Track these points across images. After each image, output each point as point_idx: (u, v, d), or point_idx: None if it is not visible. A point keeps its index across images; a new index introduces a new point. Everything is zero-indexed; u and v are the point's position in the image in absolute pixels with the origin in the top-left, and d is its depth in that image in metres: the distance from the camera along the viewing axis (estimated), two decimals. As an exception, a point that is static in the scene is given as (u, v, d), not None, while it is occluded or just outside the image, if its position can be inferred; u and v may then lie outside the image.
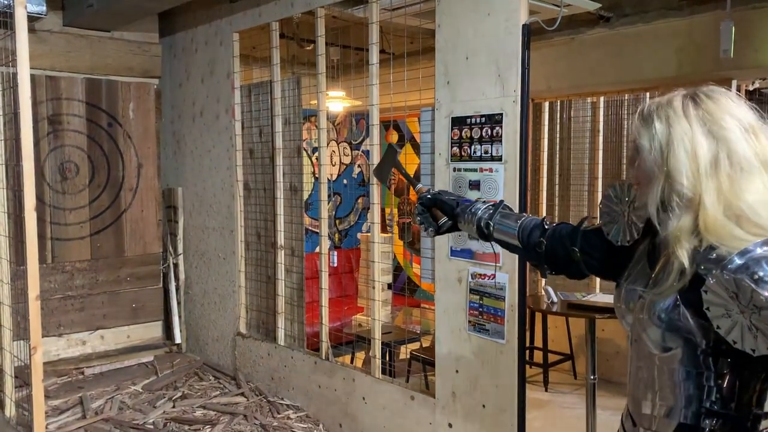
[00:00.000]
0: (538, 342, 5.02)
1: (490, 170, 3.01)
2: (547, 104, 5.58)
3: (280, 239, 4.29)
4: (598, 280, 5.37)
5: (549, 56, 4.74)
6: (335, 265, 5.16)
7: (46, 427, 3.86)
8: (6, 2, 2.93)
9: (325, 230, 4.01)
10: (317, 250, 4.06)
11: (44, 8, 3.89)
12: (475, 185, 3.08)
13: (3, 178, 3.13)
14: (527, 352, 4.74)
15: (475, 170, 3.07)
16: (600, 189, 5.46)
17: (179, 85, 5.26)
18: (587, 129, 5.58)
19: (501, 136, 2.95)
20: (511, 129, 2.92)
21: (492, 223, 1.74)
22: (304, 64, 5.34)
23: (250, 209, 4.58)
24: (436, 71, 3.21)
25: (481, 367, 3.10)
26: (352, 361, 4.55)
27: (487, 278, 3.05)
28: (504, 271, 2.98)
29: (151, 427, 3.96)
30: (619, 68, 4.46)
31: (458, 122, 3.12)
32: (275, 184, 4.29)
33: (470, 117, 3.07)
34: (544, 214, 5.63)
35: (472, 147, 3.07)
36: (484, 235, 1.76)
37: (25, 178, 2.75)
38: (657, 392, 1.32)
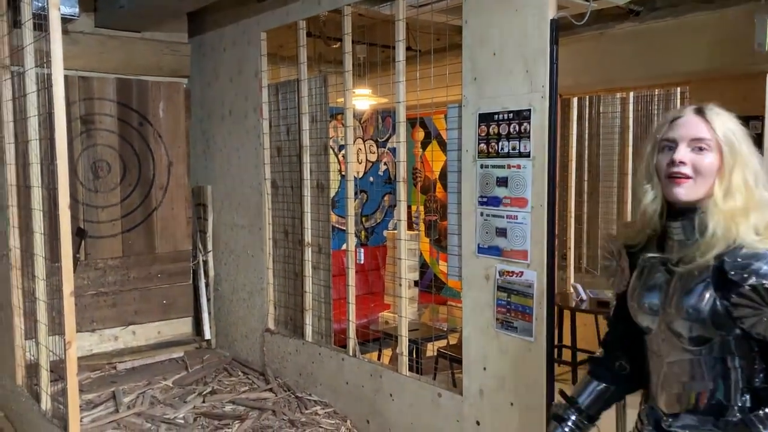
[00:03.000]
0: (567, 340, 4.98)
1: (518, 167, 2.99)
2: (575, 100, 5.52)
3: (308, 236, 4.32)
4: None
5: (577, 51, 4.68)
6: (362, 262, 5.17)
7: (81, 421, 3.95)
8: (40, 4, 3.00)
9: (352, 227, 4.02)
10: (344, 247, 4.07)
11: (77, 10, 3.97)
12: (502, 182, 3.06)
13: (38, 176, 3.20)
14: (555, 350, 4.70)
15: (502, 167, 3.05)
16: (630, 185, 5.39)
17: (208, 85, 5.32)
18: (616, 125, 5.52)
19: (529, 132, 2.93)
20: (539, 125, 2.89)
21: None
22: (331, 62, 5.36)
23: (278, 207, 4.62)
24: (463, 67, 3.19)
25: (509, 364, 3.08)
26: (379, 358, 4.56)
27: (515, 275, 3.03)
28: (532, 268, 2.96)
29: (182, 421, 4.02)
30: (649, 63, 4.39)
31: (485, 118, 3.11)
32: (302, 181, 4.32)
33: (497, 113, 3.05)
34: (572, 212, 5.57)
35: (500, 143, 3.06)
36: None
37: (59, 176, 2.81)
38: (689, 381, 1.42)
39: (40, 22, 2.95)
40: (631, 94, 5.28)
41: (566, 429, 1.75)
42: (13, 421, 3.74)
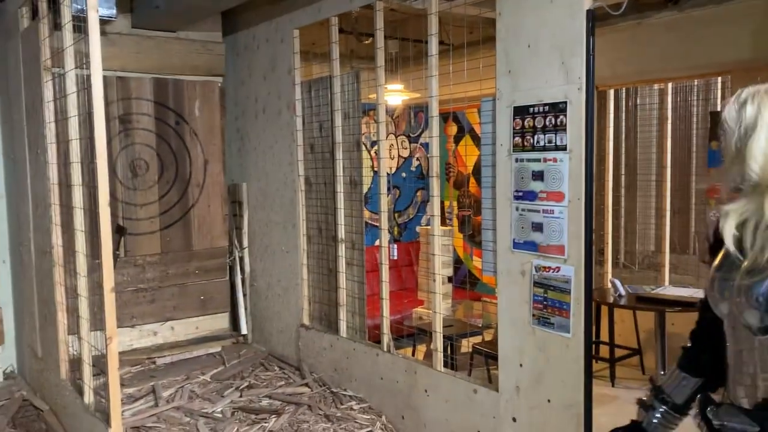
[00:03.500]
0: (604, 336, 4.90)
1: (554, 160, 2.94)
2: (612, 92, 5.42)
3: (341, 232, 4.33)
4: (667, 271, 5.20)
5: (614, 42, 4.59)
6: (395, 257, 5.17)
7: (122, 414, 4.03)
8: (79, 7, 3.05)
9: (385, 223, 4.02)
10: (377, 243, 4.07)
11: (114, 11, 4.04)
12: (538, 176, 3.02)
13: (79, 175, 3.27)
14: (593, 346, 4.63)
15: (538, 160, 3.01)
16: (669, 179, 5.28)
17: (242, 83, 5.37)
18: (654, 117, 5.39)
19: (565, 125, 2.88)
20: (575, 117, 2.84)
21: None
22: (363, 58, 5.36)
23: (312, 203, 4.64)
24: (497, 60, 3.16)
25: (546, 361, 3.04)
26: (413, 354, 4.55)
27: (551, 271, 2.99)
28: (570, 263, 2.91)
29: (220, 415, 4.07)
30: (688, 53, 4.29)
31: (520, 111, 3.07)
32: (335, 178, 4.33)
33: (533, 106, 3.01)
34: (610, 206, 5.48)
35: (535, 137, 3.01)
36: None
37: (98, 175, 2.86)
38: (759, 372, 1.37)
39: (79, 24, 3.01)
40: (670, 84, 5.15)
41: (655, 418, 1.71)
42: (58, 414, 3.84)
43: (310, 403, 4.19)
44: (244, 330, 5.50)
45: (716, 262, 1.46)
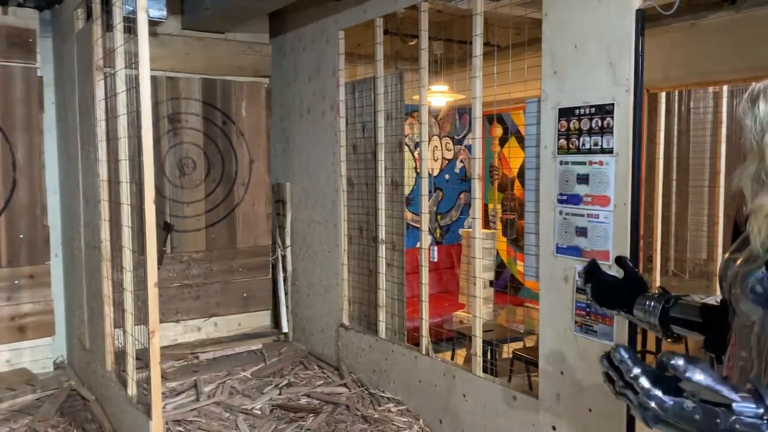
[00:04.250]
0: (651, 345, 4.76)
1: (600, 163, 2.87)
2: (663, 94, 5.27)
3: (382, 233, 4.32)
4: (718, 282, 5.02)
5: (666, 43, 4.46)
6: (435, 260, 5.13)
7: (164, 407, 4.12)
8: (130, 8, 3.13)
9: (426, 225, 3.99)
10: (418, 245, 4.05)
11: (164, 12, 4.13)
12: (583, 179, 2.95)
13: (126, 172, 3.36)
14: (639, 356, 4.50)
15: (583, 163, 2.94)
16: (723, 185, 5.10)
17: (288, 84, 5.43)
18: (708, 120, 5.22)
19: (612, 127, 2.81)
20: (623, 119, 2.77)
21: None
22: (408, 59, 5.35)
23: (353, 204, 4.65)
24: (543, 61, 3.10)
25: (588, 369, 2.97)
26: (452, 358, 4.51)
27: (594, 277, 2.91)
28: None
29: (259, 412, 4.11)
30: (745, 54, 4.12)
31: (566, 113, 3.00)
32: (377, 179, 4.33)
33: (579, 108, 2.94)
34: (659, 213, 5.32)
35: (581, 139, 2.94)
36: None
37: (145, 172, 2.93)
38: (746, 355, 1.32)
39: (130, 25, 3.08)
40: (725, 87, 4.98)
41: (646, 305, 1.62)
42: (103, 405, 3.94)
43: (348, 403, 4.20)
44: (285, 328, 5.55)
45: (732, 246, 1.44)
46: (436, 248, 5.14)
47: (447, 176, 7.18)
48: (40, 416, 3.91)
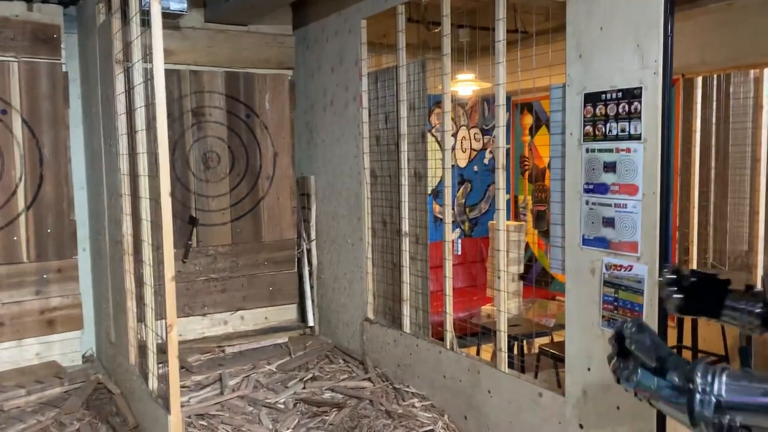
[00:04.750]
0: (687, 340, 4.58)
1: (628, 150, 2.73)
2: (700, 79, 5.05)
3: (405, 226, 4.24)
4: (760, 272, 4.81)
5: (703, 25, 4.26)
6: (459, 253, 5.03)
7: (188, 401, 4.12)
8: (147, 0, 3.10)
9: (449, 217, 3.89)
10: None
11: (185, 5, 4.11)
12: (610, 167, 2.82)
13: (145, 165, 3.34)
14: (675, 350, 4.33)
15: (610, 150, 2.81)
16: (764, 172, 4.87)
17: (311, 76, 5.37)
18: (749, 106, 4.99)
19: (640, 112, 2.67)
20: (651, 104, 2.63)
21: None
22: (434, 49, 5.24)
23: (377, 196, 4.58)
24: (567, 45, 2.97)
25: (616, 365, 2.84)
26: (478, 353, 4.41)
27: (623, 270, 2.79)
28: (643, 261, 2.70)
29: (282, 406, 4.08)
30: (787, 34, 3.91)
31: (591, 98, 2.87)
32: (400, 170, 4.24)
33: (605, 92, 2.81)
34: (696, 202, 5.12)
35: (607, 125, 2.81)
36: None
37: (160, 165, 2.90)
38: None
39: (148, 18, 3.05)
40: (766, 71, 4.74)
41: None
42: (128, 398, 3.96)
43: (371, 398, 4.13)
44: (311, 322, 5.52)
45: None
46: (460, 241, 5.02)
47: (476, 167, 7.05)
48: (67, 409, 3.95)
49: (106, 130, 4.09)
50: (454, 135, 6.69)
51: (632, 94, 2.70)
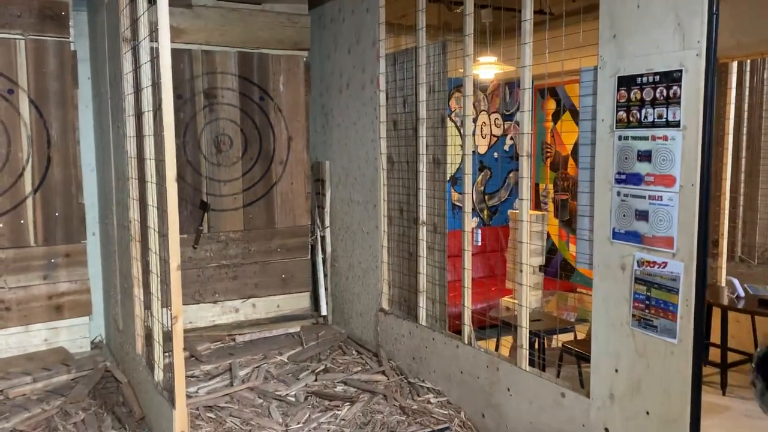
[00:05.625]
0: (715, 338, 4.38)
1: (665, 138, 2.54)
2: (734, 64, 4.80)
3: (422, 215, 4.07)
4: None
5: (739, 7, 4.02)
6: (479, 243, 4.85)
7: (197, 392, 4.01)
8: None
9: (469, 206, 3.72)
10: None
11: (196, -18, 3.94)
12: (645, 156, 2.62)
13: (151, 148, 3.20)
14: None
15: (645, 138, 2.61)
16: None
17: (327, 57, 5.19)
18: (786, 92, 4.74)
19: (679, 97, 2.47)
20: (692, 88, 2.42)
21: None
22: (455, 30, 5.03)
23: (393, 183, 4.41)
24: (600, 23, 2.76)
25: (647, 367, 2.67)
26: (497, 348, 4.25)
27: (657, 266, 2.60)
28: (679, 258, 2.51)
29: (293, 399, 3.96)
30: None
31: (626, 82, 2.67)
32: (418, 156, 4.06)
33: (641, 75, 2.61)
34: (727, 194, 4.89)
35: (643, 111, 2.61)
36: None
37: (166, 148, 2.75)
38: None
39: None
40: (806, 55, 4.49)
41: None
42: (135, 388, 3.85)
43: (385, 392, 4.00)
44: (324, 311, 5.38)
45: None
46: (480, 231, 4.84)
47: (496, 154, 6.84)
48: (72, 398, 3.85)
49: (114, 111, 3.95)
50: (474, 120, 6.49)
51: (671, 78, 2.50)
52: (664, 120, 2.54)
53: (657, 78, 2.55)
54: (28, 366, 4.20)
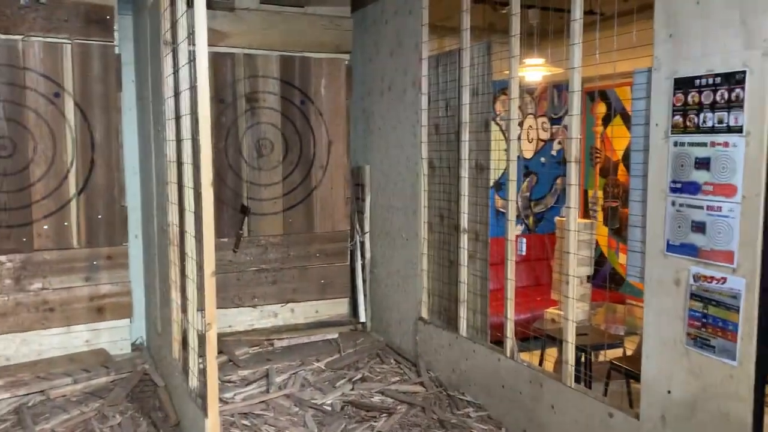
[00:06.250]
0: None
1: (725, 144, 2.36)
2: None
3: (464, 222, 3.94)
4: None
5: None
6: (523, 253, 4.68)
7: (233, 397, 3.97)
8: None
9: (513, 213, 3.57)
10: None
11: (238, -16, 3.92)
12: (703, 164, 2.44)
13: (189, 152, 3.17)
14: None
15: (704, 144, 2.43)
16: None
17: (369, 60, 5.12)
18: None
19: (742, 101, 2.29)
20: (757, 91, 2.24)
21: None
22: (500, 31, 4.88)
23: (434, 188, 4.29)
24: (656, 22, 2.60)
25: (702, 390, 2.48)
26: (541, 362, 4.08)
27: (715, 282, 2.42)
28: (740, 274, 2.33)
29: (329, 408, 3.88)
30: None
31: (683, 84, 2.50)
32: (460, 161, 3.94)
33: (700, 77, 2.43)
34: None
35: (701, 115, 2.44)
36: None
37: (202, 152, 2.71)
38: None
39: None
40: None
41: None
42: (171, 393, 3.84)
43: (423, 404, 3.88)
44: (362, 318, 5.30)
45: None
46: (524, 240, 4.68)
47: (543, 159, 6.64)
48: (110, 401, 3.86)
49: (155, 114, 3.95)
50: (520, 124, 6.31)
51: (734, 80, 2.32)
52: (725, 125, 2.36)
53: (718, 80, 2.37)
54: (69, 367, 4.24)
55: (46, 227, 4.35)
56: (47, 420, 3.65)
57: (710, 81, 2.40)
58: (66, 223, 4.41)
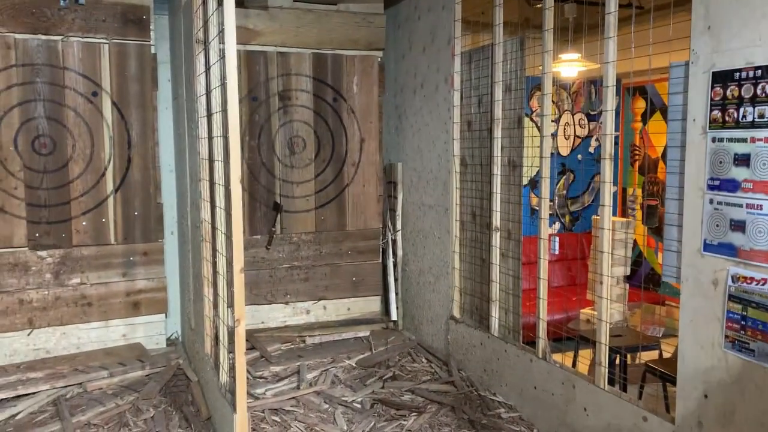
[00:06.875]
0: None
1: (766, 140, 2.26)
2: None
3: (496, 220, 3.89)
4: None
5: None
6: (556, 252, 4.59)
7: (264, 393, 4.00)
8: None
9: (546, 211, 3.51)
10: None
11: (270, -17, 3.93)
12: (743, 160, 2.35)
13: (220, 150, 3.20)
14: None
15: (743, 140, 2.34)
16: None
17: (402, 57, 5.09)
18: None
19: (785, 94, 2.19)
20: (801, 83, 2.15)
21: None
22: (535, 26, 4.80)
23: (466, 186, 4.25)
24: (693, 13, 2.51)
25: (741, 395, 2.39)
26: (574, 363, 3.99)
27: (755, 283, 2.33)
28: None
29: (359, 406, 3.87)
30: None
31: (722, 78, 2.41)
32: (492, 159, 3.88)
33: (739, 70, 2.34)
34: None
35: (741, 110, 2.34)
36: None
37: (231, 150, 2.73)
38: None
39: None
40: None
41: None
42: (203, 388, 3.88)
43: (454, 404, 3.84)
44: (394, 316, 5.28)
45: None
46: (557, 239, 4.59)
47: (579, 156, 6.52)
48: (145, 394, 3.92)
49: (189, 112, 4.00)
50: (557, 120, 6.20)
51: (776, 72, 2.22)
52: (766, 120, 2.27)
53: (758, 73, 2.28)
54: (106, 360, 4.33)
55: (84, 224, 4.45)
56: (83, 412, 3.73)
57: (750, 74, 2.31)
58: (103, 220, 4.50)
